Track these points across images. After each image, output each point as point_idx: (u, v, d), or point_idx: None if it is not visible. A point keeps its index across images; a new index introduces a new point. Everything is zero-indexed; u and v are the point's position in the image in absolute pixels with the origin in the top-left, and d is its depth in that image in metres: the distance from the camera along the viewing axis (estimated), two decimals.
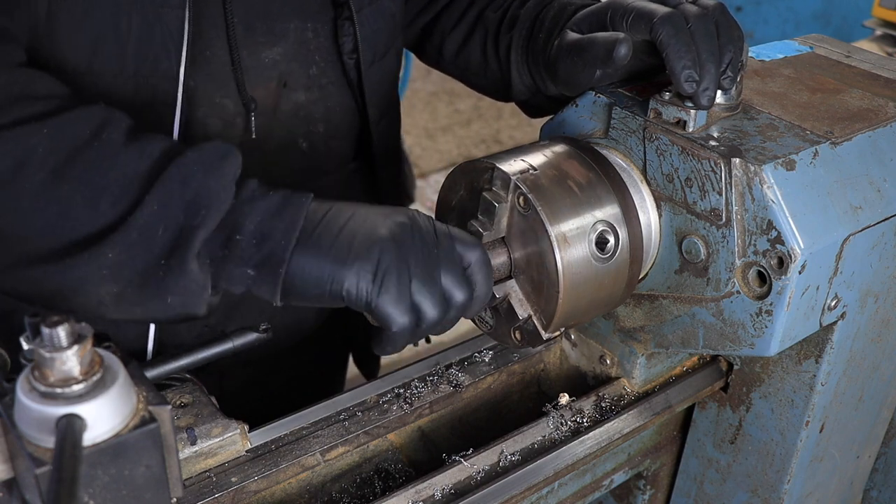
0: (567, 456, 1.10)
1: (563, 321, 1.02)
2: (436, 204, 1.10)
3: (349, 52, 1.41)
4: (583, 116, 1.15)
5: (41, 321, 0.66)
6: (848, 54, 1.30)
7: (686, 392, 1.22)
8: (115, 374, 0.69)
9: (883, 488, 1.52)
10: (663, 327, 1.12)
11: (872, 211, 1.03)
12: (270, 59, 1.34)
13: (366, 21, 1.41)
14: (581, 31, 1.20)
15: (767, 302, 0.99)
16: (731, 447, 1.25)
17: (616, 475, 1.28)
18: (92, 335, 0.68)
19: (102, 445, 0.68)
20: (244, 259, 0.93)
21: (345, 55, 1.41)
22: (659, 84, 1.14)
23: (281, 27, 1.33)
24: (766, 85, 1.17)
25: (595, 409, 1.18)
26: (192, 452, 0.99)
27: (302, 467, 1.06)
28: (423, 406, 1.17)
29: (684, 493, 1.36)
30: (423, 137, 5.72)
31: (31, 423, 0.67)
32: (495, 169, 1.00)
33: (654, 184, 1.07)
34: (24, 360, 0.71)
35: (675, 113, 1.03)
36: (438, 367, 1.23)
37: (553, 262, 0.96)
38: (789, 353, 1.13)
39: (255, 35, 1.31)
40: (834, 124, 1.07)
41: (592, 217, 1.00)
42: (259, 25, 1.31)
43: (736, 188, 0.98)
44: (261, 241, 0.93)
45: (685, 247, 1.05)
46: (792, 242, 0.95)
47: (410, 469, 1.18)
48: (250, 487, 1.02)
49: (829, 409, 1.17)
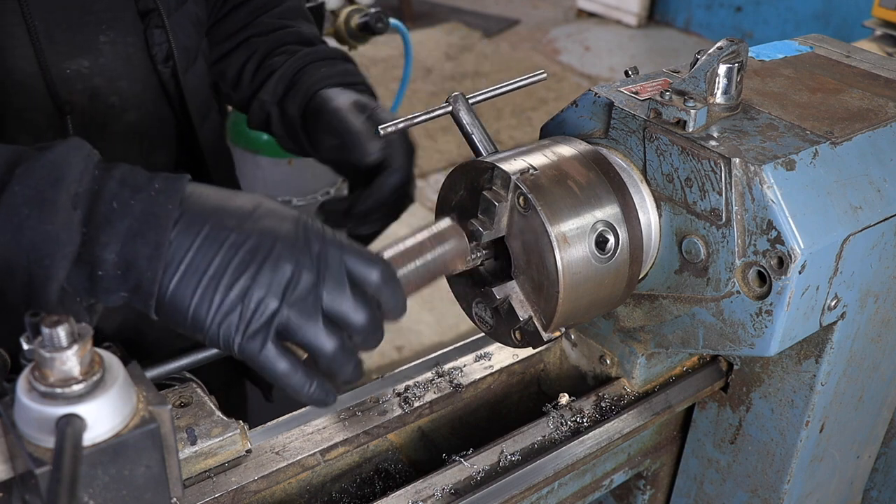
0: (567, 456, 1.10)
1: (563, 321, 1.02)
2: (436, 203, 1.10)
3: (163, 62, 1.40)
4: (583, 116, 1.15)
5: (41, 321, 0.66)
6: (848, 54, 1.30)
7: (686, 392, 1.22)
8: (115, 374, 0.69)
9: (883, 488, 1.52)
10: (663, 327, 1.12)
11: (872, 211, 1.03)
12: (73, 71, 1.31)
13: (176, 26, 1.41)
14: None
15: (767, 302, 0.99)
16: (731, 447, 1.25)
17: (616, 475, 1.28)
18: (92, 335, 0.68)
19: (102, 445, 0.68)
20: (113, 288, 0.83)
21: (159, 64, 1.40)
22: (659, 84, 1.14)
23: (84, 39, 1.31)
24: (766, 85, 1.17)
25: (595, 409, 1.18)
26: (192, 452, 0.99)
27: (302, 467, 1.06)
28: (423, 406, 1.17)
29: (684, 493, 1.36)
30: (423, 137, 5.72)
31: (31, 423, 0.67)
32: (495, 168, 1.00)
33: (654, 184, 1.07)
34: (24, 360, 0.71)
35: (675, 113, 1.03)
36: (438, 367, 1.23)
37: (553, 261, 0.96)
38: (789, 353, 1.13)
39: (55, 45, 1.29)
40: (834, 124, 1.07)
41: (592, 217, 1.00)
42: (59, 36, 1.29)
43: (736, 188, 0.98)
44: (126, 271, 0.82)
45: (685, 247, 1.05)
46: (792, 242, 0.95)
47: (410, 469, 1.18)
48: (250, 487, 1.02)
49: (829, 409, 1.17)
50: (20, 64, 1.26)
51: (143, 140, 1.44)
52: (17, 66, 1.26)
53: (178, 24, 1.42)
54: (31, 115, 1.29)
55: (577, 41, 7.66)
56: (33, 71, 1.27)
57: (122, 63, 1.36)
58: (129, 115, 1.40)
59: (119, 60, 1.36)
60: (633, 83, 1.15)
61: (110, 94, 1.36)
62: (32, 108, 1.29)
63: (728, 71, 1.06)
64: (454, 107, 1.11)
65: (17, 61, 1.26)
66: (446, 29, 7.66)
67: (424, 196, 5.04)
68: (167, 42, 1.39)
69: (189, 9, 1.46)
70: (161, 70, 1.41)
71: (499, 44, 7.53)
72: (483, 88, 1.15)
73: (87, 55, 1.32)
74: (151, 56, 1.40)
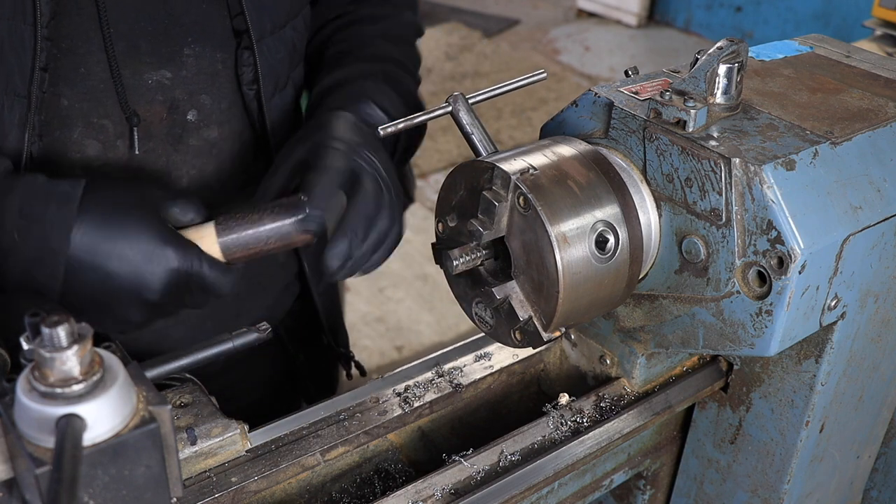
0: (567, 456, 1.10)
1: (563, 321, 1.02)
2: (436, 203, 1.11)
3: (249, 83, 1.39)
4: (583, 116, 1.15)
5: (41, 321, 0.66)
6: (848, 54, 1.30)
7: (686, 392, 1.22)
8: (115, 374, 0.69)
9: (883, 488, 1.52)
10: (663, 327, 1.12)
11: (872, 211, 1.03)
12: (155, 82, 1.30)
13: (266, 51, 1.39)
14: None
15: (767, 302, 0.99)
16: (731, 447, 1.25)
17: (616, 475, 1.28)
18: (92, 335, 0.68)
19: (102, 445, 0.68)
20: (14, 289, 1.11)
21: (244, 86, 1.39)
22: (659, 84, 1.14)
23: (169, 50, 1.31)
24: (766, 85, 1.17)
25: (595, 409, 1.18)
26: (192, 452, 0.99)
27: (302, 467, 1.06)
28: (423, 406, 1.17)
29: (684, 493, 1.36)
30: None
31: (31, 423, 0.67)
32: (495, 168, 1.00)
33: (654, 184, 1.07)
34: (24, 360, 0.71)
35: (675, 113, 1.03)
36: (438, 367, 1.23)
37: (553, 261, 0.96)
38: (789, 353, 1.13)
39: (138, 55, 1.28)
40: (834, 124, 1.07)
41: (592, 217, 1.00)
42: (143, 45, 1.28)
43: (736, 188, 0.98)
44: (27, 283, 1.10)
45: (685, 247, 1.05)
46: (792, 242, 0.95)
47: (410, 469, 1.18)
48: (250, 487, 1.02)
49: (829, 409, 1.17)
50: (94, 69, 1.26)
51: (221, 156, 1.42)
52: (90, 71, 1.26)
53: (270, 48, 1.39)
54: (101, 122, 1.28)
55: (577, 41, 7.66)
56: (105, 77, 1.26)
57: (205, 78, 1.35)
58: (207, 132, 1.38)
59: (202, 75, 1.34)
60: (633, 83, 1.15)
61: (189, 108, 1.35)
62: (102, 115, 1.28)
63: (728, 71, 1.06)
64: (454, 107, 1.11)
65: (91, 67, 1.25)
66: (446, 29, 7.66)
67: (424, 196, 5.04)
68: (254, 65, 1.37)
69: (286, 35, 1.43)
70: (245, 92, 1.39)
71: (499, 44, 7.53)
72: (483, 88, 1.15)
73: (169, 66, 1.31)
74: (238, 76, 1.38)
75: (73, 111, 1.26)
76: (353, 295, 4.23)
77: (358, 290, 4.30)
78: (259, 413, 1.42)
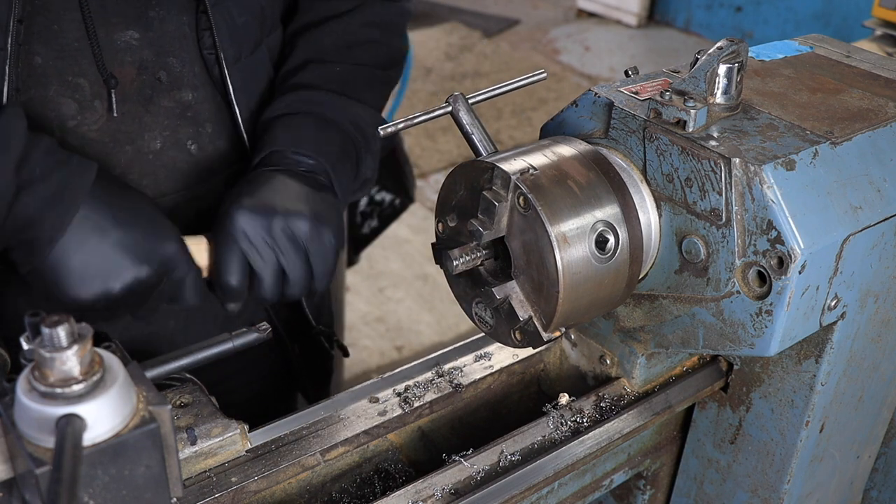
0: (567, 456, 1.10)
1: (563, 321, 1.02)
2: (436, 203, 1.11)
3: (208, 48, 1.37)
4: (583, 116, 1.15)
5: (41, 321, 0.66)
6: (848, 54, 1.30)
7: (686, 392, 1.22)
8: (115, 374, 0.69)
9: (883, 488, 1.52)
10: (663, 327, 1.12)
11: (872, 211, 1.03)
12: (123, 42, 1.30)
13: (226, 14, 1.37)
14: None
15: (767, 302, 0.99)
16: (731, 447, 1.25)
17: (616, 475, 1.28)
18: (92, 335, 0.68)
19: (102, 445, 0.68)
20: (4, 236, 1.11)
21: (204, 50, 1.37)
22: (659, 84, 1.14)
23: (135, 11, 1.30)
24: (766, 85, 1.17)
25: (595, 409, 1.18)
26: (192, 452, 0.99)
27: (302, 467, 1.06)
28: (423, 406, 1.17)
29: (684, 493, 1.36)
30: (423, 137, 5.72)
31: (31, 423, 0.67)
32: (495, 168, 1.00)
33: (654, 184, 1.07)
34: (24, 360, 0.71)
35: (675, 113, 1.03)
36: (438, 367, 1.23)
37: (553, 261, 0.96)
38: (789, 353, 1.13)
39: (106, 14, 1.28)
40: (834, 124, 1.07)
41: (592, 217, 1.00)
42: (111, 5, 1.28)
43: (736, 188, 0.98)
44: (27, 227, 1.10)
45: (685, 247, 1.05)
46: (792, 242, 0.95)
47: (410, 469, 1.18)
48: (250, 487, 1.02)
49: (829, 409, 1.17)
50: (67, 28, 1.26)
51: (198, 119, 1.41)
52: (64, 29, 1.25)
53: (226, 12, 1.37)
54: (76, 80, 1.28)
55: (577, 41, 7.66)
56: (78, 35, 1.26)
57: (170, 40, 1.34)
58: (179, 94, 1.37)
59: (167, 37, 1.34)
60: (633, 83, 1.15)
61: (158, 69, 1.35)
62: (78, 73, 1.28)
63: (728, 71, 1.06)
64: (454, 107, 1.11)
65: (64, 25, 1.25)
66: (446, 29, 7.66)
67: (424, 196, 5.04)
68: (210, 29, 1.36)
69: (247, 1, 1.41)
70: (206, 56, 1.38)
71: (499, 44, 7.53)
72: (483, 88, 1.15)
73: (136, 27, 1.31)
74: (198, 40, 1.37)
75: (47, 69, 1.26)
76: (353, 295, 4.23)
77: (358, 290, 4.30)
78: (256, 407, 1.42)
